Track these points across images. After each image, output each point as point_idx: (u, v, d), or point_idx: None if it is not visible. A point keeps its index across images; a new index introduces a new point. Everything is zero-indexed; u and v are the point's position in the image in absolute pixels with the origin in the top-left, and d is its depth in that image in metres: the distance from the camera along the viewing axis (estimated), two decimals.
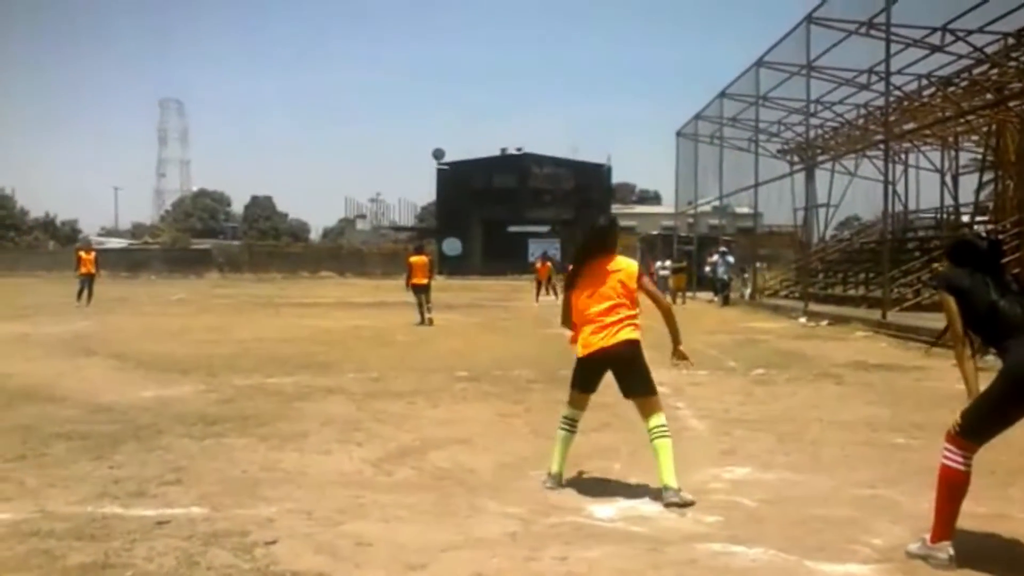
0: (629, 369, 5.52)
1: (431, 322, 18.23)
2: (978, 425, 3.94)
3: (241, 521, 4.58)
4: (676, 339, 5.95)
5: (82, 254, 24.86)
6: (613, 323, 5.43)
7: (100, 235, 79.33)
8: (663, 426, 5.32)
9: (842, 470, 5.81)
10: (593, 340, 5.42)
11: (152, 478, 5.47)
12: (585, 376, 5.63)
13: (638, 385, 5.57)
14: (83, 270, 24.19)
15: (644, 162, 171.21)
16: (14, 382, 9.56)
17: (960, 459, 3.96)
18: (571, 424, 5.60)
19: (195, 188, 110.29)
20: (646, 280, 5.63)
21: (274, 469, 5.77)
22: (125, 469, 5.72)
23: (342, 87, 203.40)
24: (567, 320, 5.73)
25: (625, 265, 5.55)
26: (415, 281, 18.88)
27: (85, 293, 23.77)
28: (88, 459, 5.99)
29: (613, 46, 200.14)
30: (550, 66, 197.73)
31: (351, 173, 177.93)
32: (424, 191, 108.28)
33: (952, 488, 3.97)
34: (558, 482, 5.38)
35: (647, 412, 5.46)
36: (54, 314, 20.61)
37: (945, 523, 3.98)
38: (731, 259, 28.90)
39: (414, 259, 19.40)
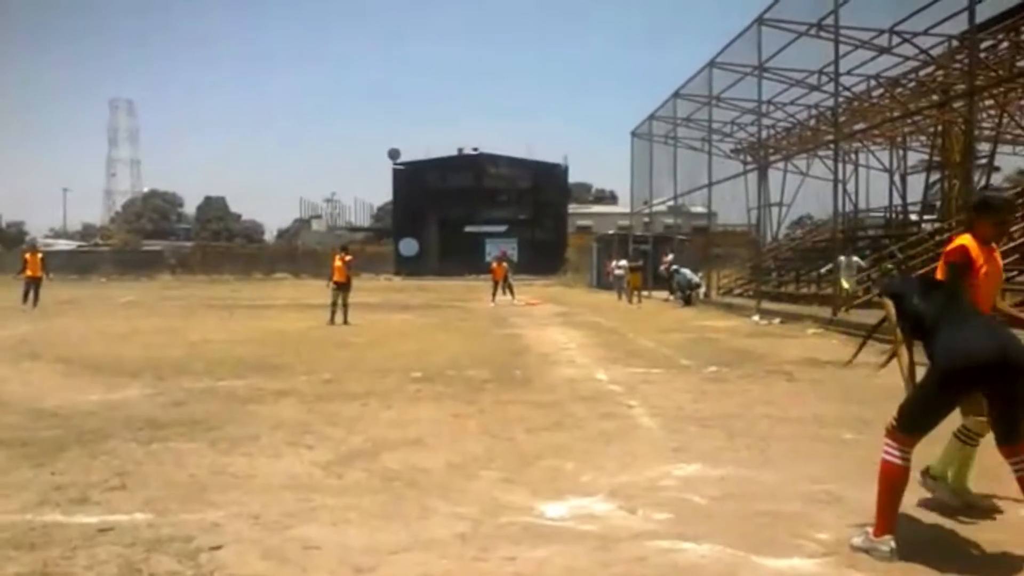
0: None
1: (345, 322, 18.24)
2: (914, 419, 4.08)
3: (186, 527, 4.49)
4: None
5: (28, 256, 24.30)
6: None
7: (48, 237, 77.69)
8: None
9: (791, 465, 5.88)
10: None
11: (96, 484, 5.35)
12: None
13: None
14: (29, 273, 23.63)
15: (600, 162, 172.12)
16: None
17: (899, 454, 4.07)
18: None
19: (146, 189, 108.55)
20: None
21: (222, 473, 5.68)
22: (68, 475, 5.59)
23: (296, 86, 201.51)
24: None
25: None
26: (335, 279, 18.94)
27: (31, 296, 23.23)
28: (29, 466, 5.84)
29: (569, 46, 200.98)
30: (505, 66, 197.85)
31: (306, 173, 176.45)
32: (380, 191, 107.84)
33: (892, 482, 4.06)
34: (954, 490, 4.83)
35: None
36: None
37: (887, 516, 4.05)
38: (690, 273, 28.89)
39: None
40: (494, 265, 29.09)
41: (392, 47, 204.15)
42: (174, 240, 78.85)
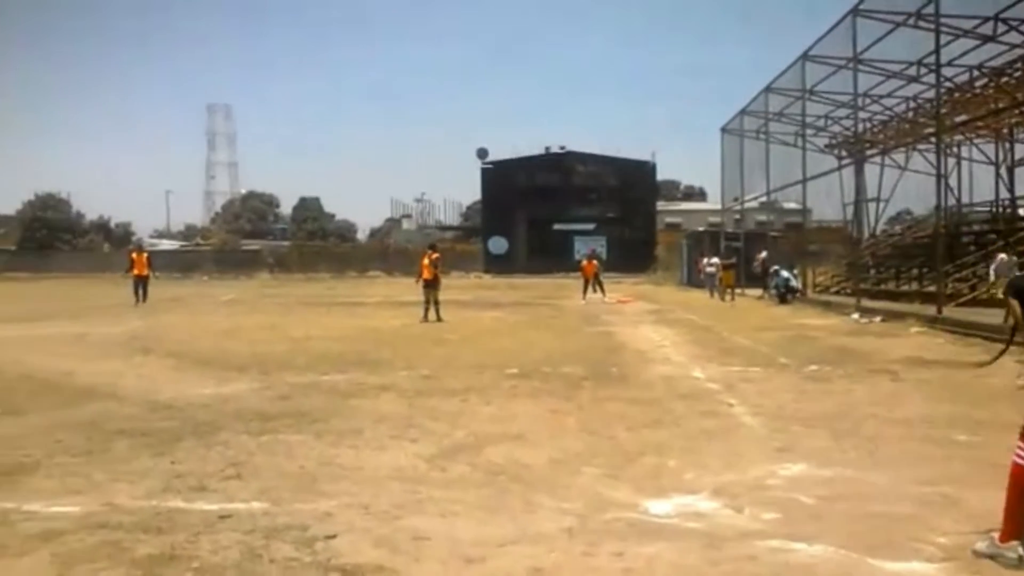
0: None
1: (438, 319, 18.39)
2: None
3: (300, 515, 4.65)
4: None
5: (134, 256, 25.40)
6: None
7: (153, 237, 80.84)
8: None
9: (902, 467, 5.72)
10: None
11: (213, 473, 5.59)
12: None
13: None
14: (135, 271, 24.70)
15: (689, 159, 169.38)
16: (77, 380, 9.81)
17: None
18: None
19: (244, 190, 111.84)
20: None
21: (331, 464, 5.85)
22: (186, 464, 5.84)
23: (387, 88, 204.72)
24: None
25: None
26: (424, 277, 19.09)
27: (140, 293, 24.28)
28: (150, 455, 6.14)
29: (656, 43, 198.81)
30: (594, 64, 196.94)
31: (397, 174, 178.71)
32: (469, 190, 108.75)
33: (1023, 486, 3.90)
34: None
35: None
36: (110, 314, 21.08)
37: (1016, 522, 3.90)
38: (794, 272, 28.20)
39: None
40: (584, 263, 29.00)
41: (480, 47, 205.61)
42: (271, 240, 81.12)
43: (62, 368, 10.81)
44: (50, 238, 67.31)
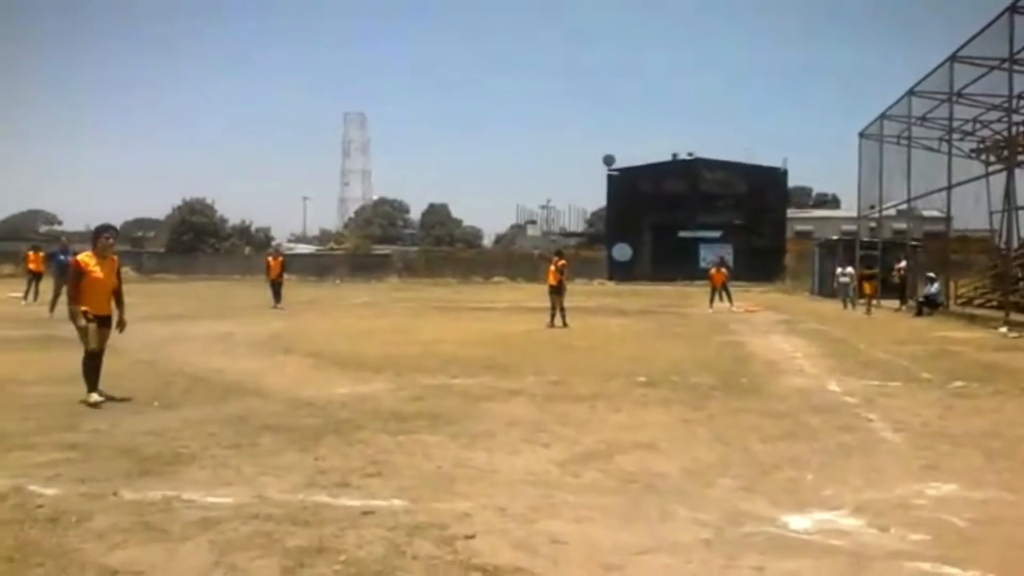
0: None
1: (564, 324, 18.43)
2: None
3: (440, 515, 4.77)
4: None
5: (270, 260, 26.63)
6: None
7: (290, 241, 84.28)
8: None
9: None
10: None
11: (354, 470, 5.80)
12: None
13: None
14: (271, 276, 25.87)
15: (822, 165, 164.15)
16: (225, 377, 10.34)
17: None
18: None
19: (376, 196, 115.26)
20: None
21: (466, 466, 5.98)
22: (329, 461, 6.08)
23: (514, 95, 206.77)
24: None
25: None
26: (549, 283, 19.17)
27: (276, 295, 25.32)
28: (295, 450, 6.42)
29: (789, 46, 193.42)
30: (723, 68, 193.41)
31: (523, 180, 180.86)
32: (594, 197, 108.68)
33: None
34: None
35: None
36: (252, 315, 22.13)
37: None
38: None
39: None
40: (712, 271, 28.50)
41: (608, 53, 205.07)
42: (401, 245, 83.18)
43: (211, 365, 11.41)
44: (195, 241, 70.94)
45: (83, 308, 8.21)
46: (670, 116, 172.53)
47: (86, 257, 8.39)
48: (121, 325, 8.73)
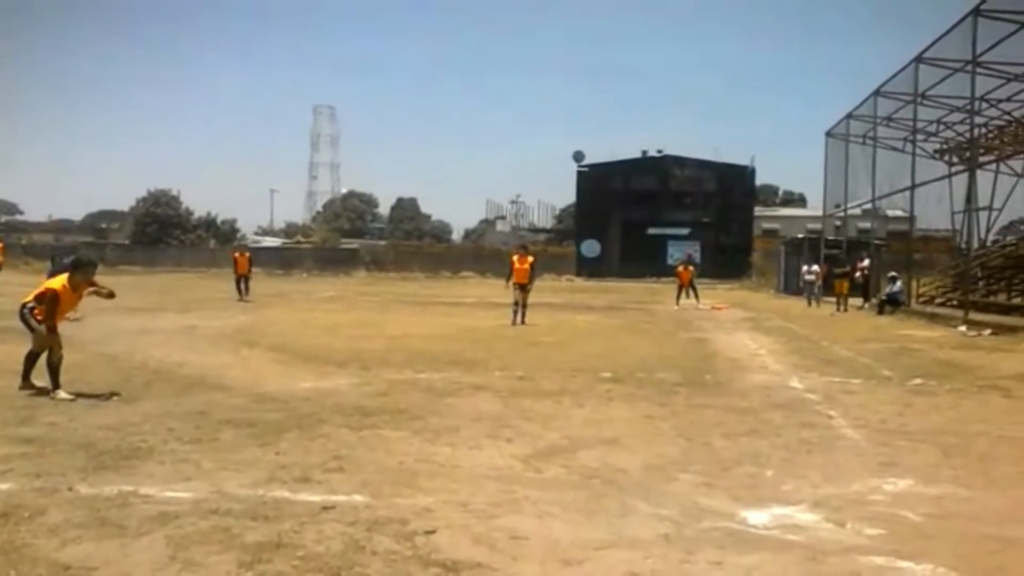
0: None
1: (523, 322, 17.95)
2: None
3: (401, 510, 4.75)
4: None
5: (236, 256, 26.71)
6: None
7: (256, 234, 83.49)
8: None
9: (1018, 488, 5.50)
10: None
11: (316, 465, 5.75)
12: None
13: None
14: (238, 270, 25.99)
15: (788, 164, 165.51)
16: (187, 371, 10.22)
17: None
18: None
19: (344, 190, 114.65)
20: None
21: (429, 461, 5.96)
22: (290, 456, 6.03)
23: (483, 90, 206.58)
24: None
25: None
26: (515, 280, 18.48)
27: (243, 289, 25.32)
28: (256, 445, 6.36)
29: (758, 46, 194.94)
30: (692, 67, 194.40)
31: (492, 176, 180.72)
32: (564, 193, 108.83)
33: None
34: None
35: None
36: (218, 308, 21.92)
37: None
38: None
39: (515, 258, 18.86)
40: (680, 268, 28.65)
41: (579, 51, 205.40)
42: (369, 239, 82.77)
43: (173, 359, 11.28)
44: (160, 233, 70.12)
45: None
46: (639, 114, 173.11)
47: (62, 289, 8.42)
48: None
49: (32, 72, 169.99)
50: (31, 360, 8.41)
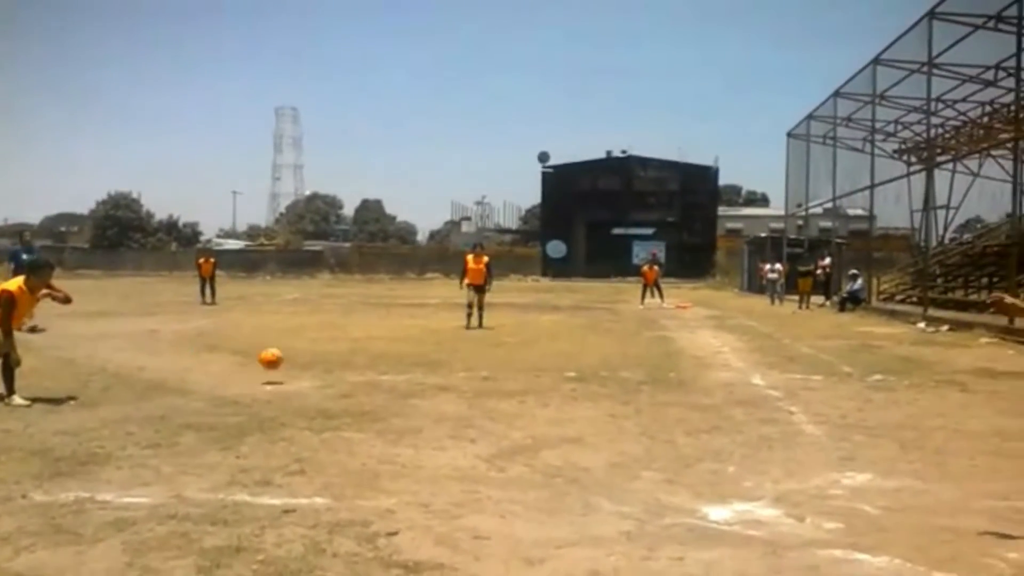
0: None
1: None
2: None
3: (363, 512, 4.72)
4: None
5: (201, 260, 26.63)
6: None
7: (219, 236, 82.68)
8: None
9: (972, 480, 5.59)
10: None
11: (277, 468, 5.70)
12: None
13: None
14: (204, 273, 25.90)
15: (752, 164, 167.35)
16: (147, 375, 10.09)
17: None
18: None
19: (308, 192, 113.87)
20: None
21: (392, 463, 5.93)
22: (251, 459, 5.97)
23: (449, 91, 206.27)
24: None
25: None
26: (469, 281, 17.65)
27: (207, 293, 25.13)
28: (216, 449, 6.28)
29: (722, 47, 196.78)
30: (657, 69, 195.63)
31: (458, 177, 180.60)
32: (529, 194, 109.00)
33: None
34: None
35: None
36: (179, 312, 21.68)
37: None
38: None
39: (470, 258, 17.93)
40: (645, 268, 28.81)
41: (544, 51, 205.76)
42: (333, 241, 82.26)
43: (133, 363, 11.12)
44: (121, 236, 69.20)
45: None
46: (605, 115, 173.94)
47: (19, 292, 8.20)
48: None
49: None
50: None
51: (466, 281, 17.69)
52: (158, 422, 7.21)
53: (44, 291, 8.56)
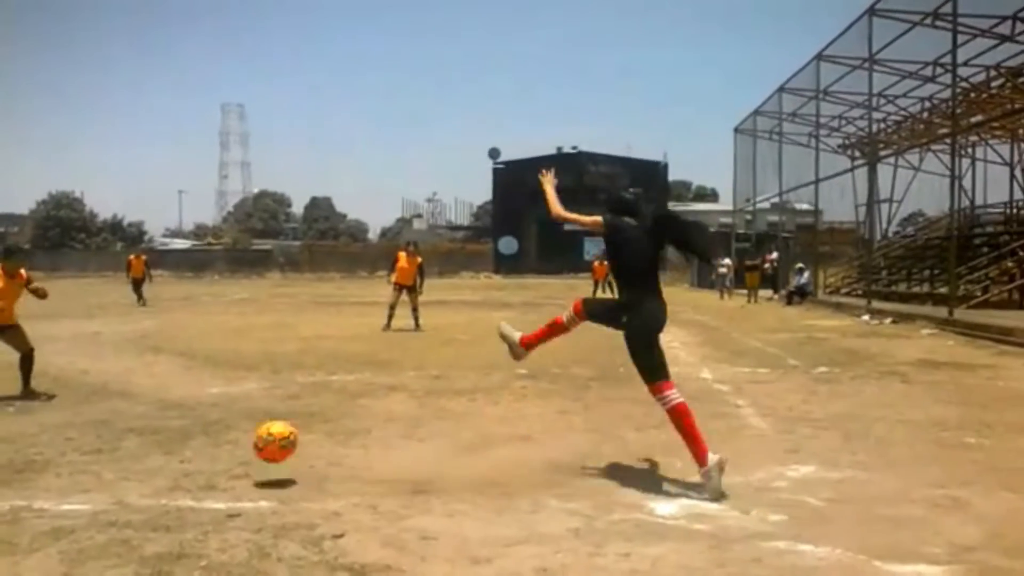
0: None
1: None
2: None
3: (309, 515, 4.67)
4: None
5: (131, 258, 26.21)
6: None
7: (165, 236, 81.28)
8: None
9: (911, 469, 5.70)
10: None
11: (222, 472, 5.61)
12: None
13: None
14: (133, 274, 25.41)
15: (701, 159, 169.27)
16: (89, 378, 9.87)
17: None
18: None
19: (256, 190, 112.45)
20: None
21: (340, 464, 5.87)
22: (195, 463, 5.87)
23: (398, 88, 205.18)
24: None
25: None
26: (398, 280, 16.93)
27: (139, 292, 24.79)
28: (160, 453, 6.17)
29: (669, 43, 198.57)
30: (606, 65, 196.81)
31: (408, 174, 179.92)
32: (480, 190, 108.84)
33: None
34: None
35: None
36: (123, 313, 21.25)
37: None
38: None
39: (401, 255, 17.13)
40: (596, 263, 28.97)
41: (493, 48, 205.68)
42: (283, 239, 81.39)
43: (75, 366, 10.88)
44: (63, 237, 67.68)
45: None
46: (553, 111, 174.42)
47: None
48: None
49: None
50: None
51: (394, 279, 17.07)
52: (100, 427, 7.06)
53: (34, 285, 8.59)
